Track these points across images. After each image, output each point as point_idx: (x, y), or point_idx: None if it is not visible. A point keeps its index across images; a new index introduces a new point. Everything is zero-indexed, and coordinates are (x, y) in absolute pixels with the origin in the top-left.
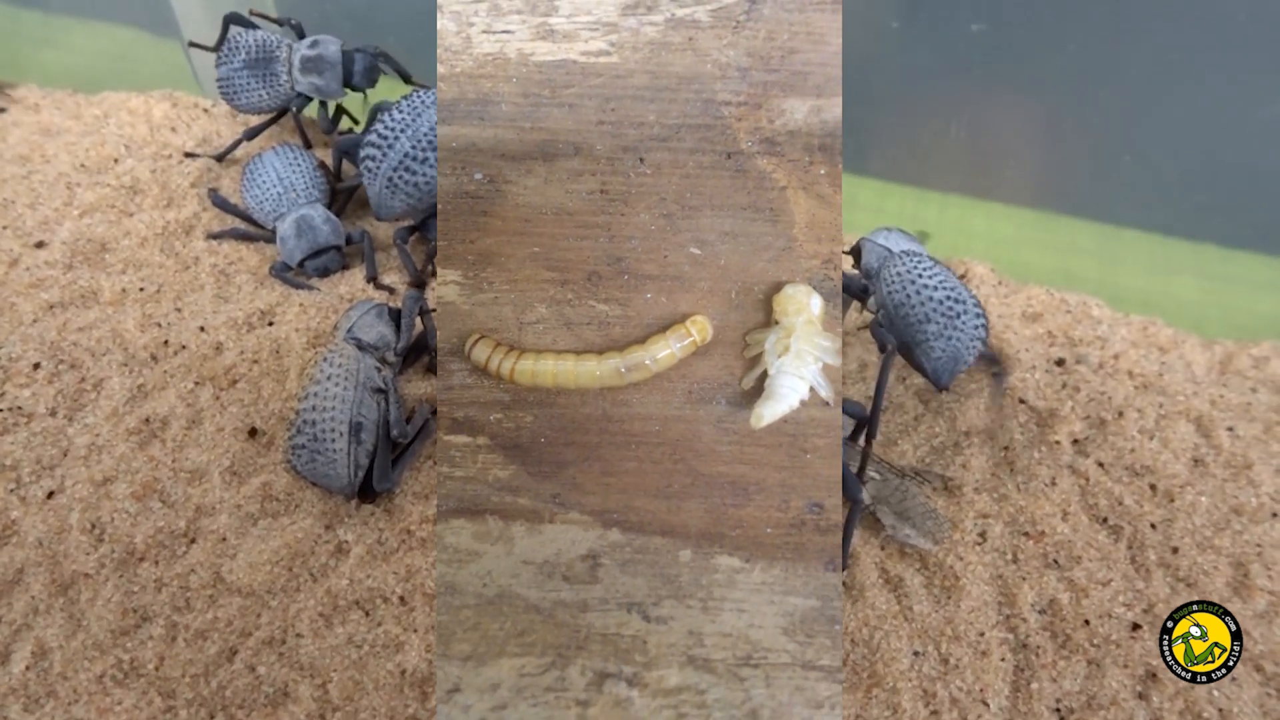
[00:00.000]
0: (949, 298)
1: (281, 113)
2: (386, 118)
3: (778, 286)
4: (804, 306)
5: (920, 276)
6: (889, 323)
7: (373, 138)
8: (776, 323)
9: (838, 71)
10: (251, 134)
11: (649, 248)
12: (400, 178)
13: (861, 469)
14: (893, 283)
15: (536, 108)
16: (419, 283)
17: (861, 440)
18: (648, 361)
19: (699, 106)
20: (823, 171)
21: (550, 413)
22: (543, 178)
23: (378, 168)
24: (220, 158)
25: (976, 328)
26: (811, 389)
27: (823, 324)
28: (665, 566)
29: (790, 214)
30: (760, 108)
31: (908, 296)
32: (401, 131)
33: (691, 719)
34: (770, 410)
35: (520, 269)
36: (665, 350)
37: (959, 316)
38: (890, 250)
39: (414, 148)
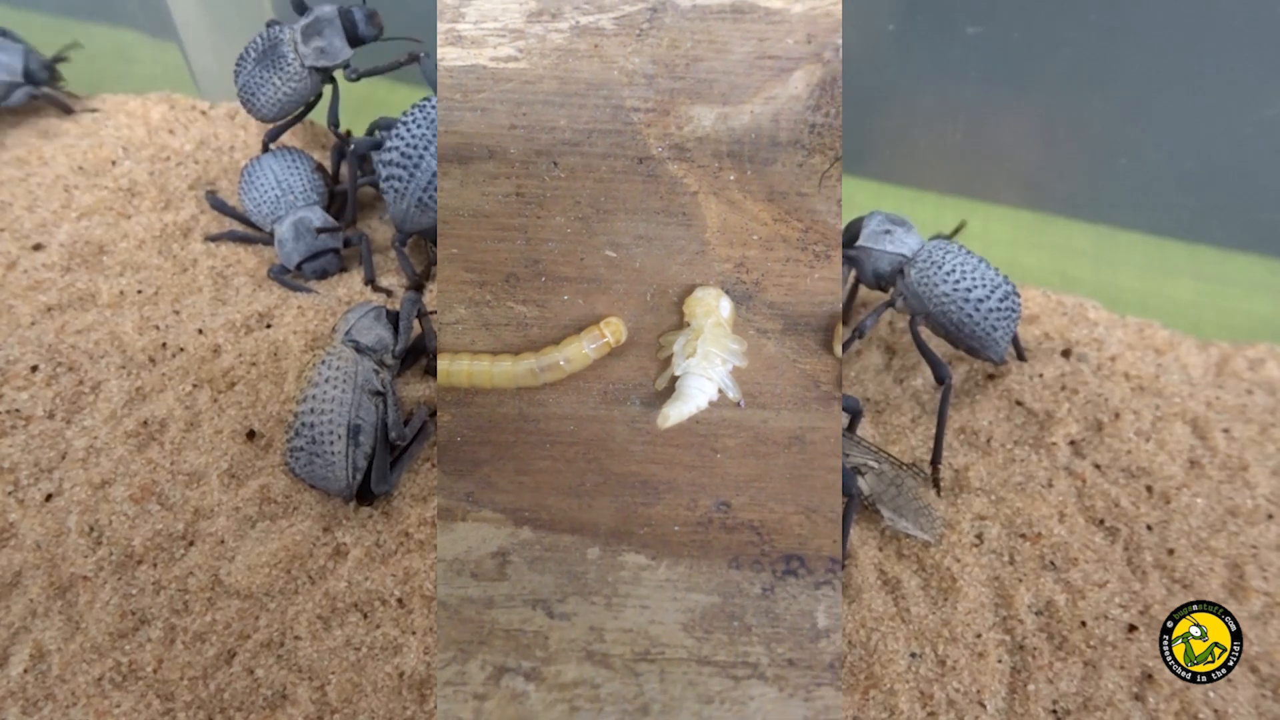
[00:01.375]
0: (993, 294)
1: (304, 111)
2: (406, 134)
3: (691, 289)
4: (713, 309)
5: (965, 289)
6: (933, 323)
7: (394, 156)
8: (687, 325)
9: (743, 80)
10: (274, 135)
11: (565, 250)
12: (431, 197)
13: (936, 469)
14: (941, 301)
15: (450, 111)
16: (417, 285)
17: (857, 432)
18: (561, 362)
19: (608, 112)
20: (732, 178)
21: (467, 412)
22: (459, 180)
23: (405, 188)
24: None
25: (1014, 298)
26: (721, 390)
27: (731, 326)
28: (573, 564)
29: (702, 219)
30: (668, 114)
31: (968, 316)
32: (425, 149)
33: (584, 713)
34: (676, 411)
35: (439, 270)
36: (578, 351)
37: (1008, 298)
38: (905, 256)
39: None
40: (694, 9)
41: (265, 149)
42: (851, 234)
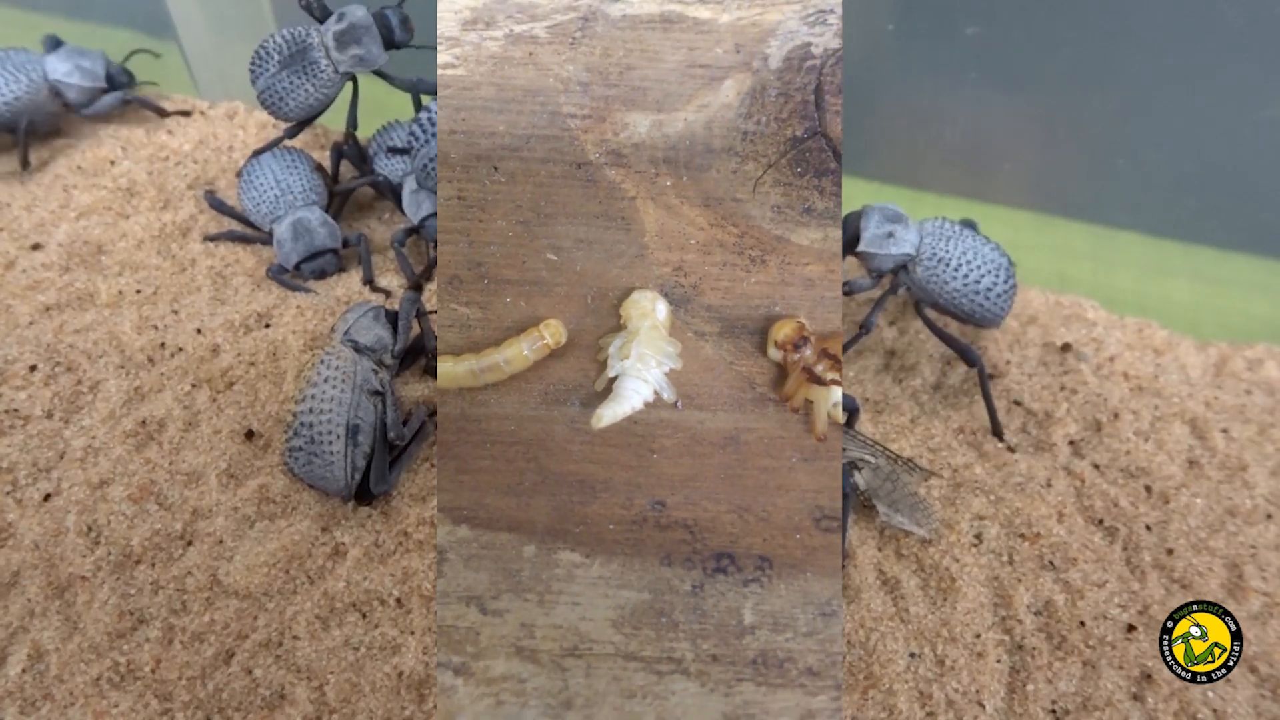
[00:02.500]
0: (999, 278)
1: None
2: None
3: (629, 292)
4: (648, 312)
5: (975, 280)
6: (941, 309)
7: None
8: (624, 327)
9: (676, 88)
10: (294, 133)
11: (507, 253)
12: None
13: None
14: (952, 295)
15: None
16: (416, 285)
17: (855, 428)
18: (501, 363)
19: (545, 118)
20: (668, 183)
21: None
22: None
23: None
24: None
25: (1013, 270)
26: (658, 391)
27: (668, 329)
28: (509, 561)
29: (641, 223)
30: (604, 120)
31: (980, 305)
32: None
33: (508, 707)
34: (611, 411)
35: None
36: (518, 352)
37: (1011, 275)
38: (910, 254)
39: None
40: (624, 18)
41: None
42: (851, 234)
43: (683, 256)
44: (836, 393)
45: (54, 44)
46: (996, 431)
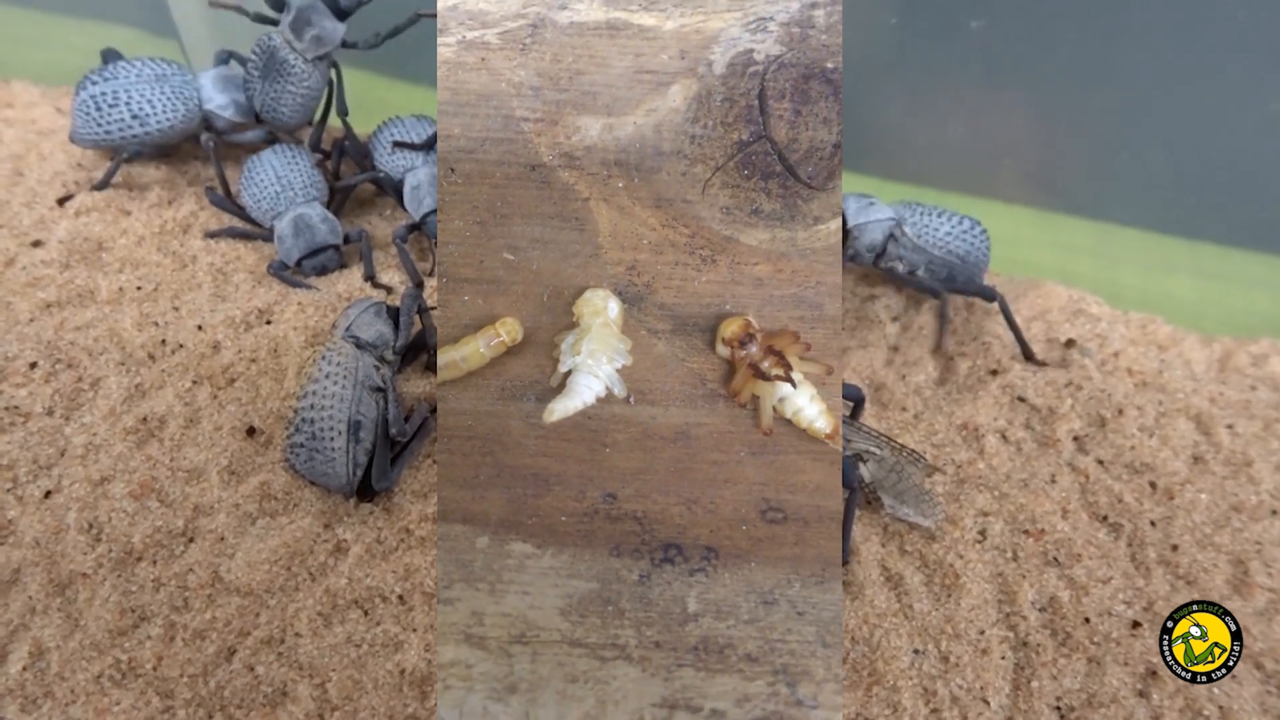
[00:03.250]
0: (975, 223)
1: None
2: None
3: (583, 291)
4: (600, 310)
5: (957, 220)
6: (935, 269)
7: None
8: (577, 325)
9: (624, 93)
10: (315, 142)
11: (464, 253)
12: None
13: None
14: (945, 240)
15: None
16: (418, 282)
17: (861, 418)
18: (458, 360)
19: (499, 122)
20: (620, 185)
21: None
22: None
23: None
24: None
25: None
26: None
27: (620, 326)
28: (462, 552)
29: (594, 223)
30: (556, 124)
31: (972, 244)
32: None
33: (454, 691)
34: (561, 406)
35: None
36: (474, 350)
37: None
38: (893, 218)
39: None
40: (572, 25)
41: (314, 150)
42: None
43: (636, 256)
44: (783, 388)
45: (223, 58)
46: (1028, 354)
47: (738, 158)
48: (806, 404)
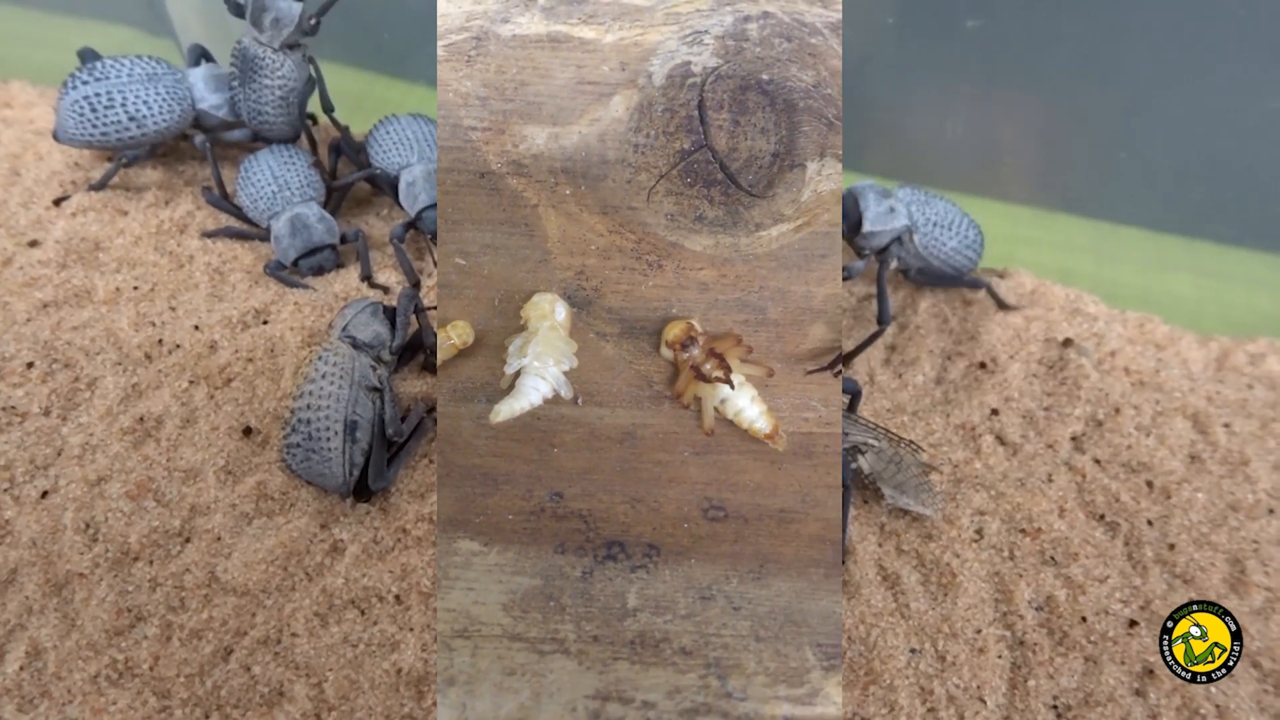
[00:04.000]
0: (978, 231)
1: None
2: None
3: (531, 295)
4: (548, 314)
5: (962, 233)
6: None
7: None
8: (525, 328)
9: (568, 103)
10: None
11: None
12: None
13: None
14: (950, 255)
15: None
16: (415, 281)
17: (858, 411)
18: None
19: (448, 130)
20: (568, 192)
21: None
22: None
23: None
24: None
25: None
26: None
27: (568, 330)
28: None
29: (544, 229)
30: (503, 133)
31: (969, 259)
32: None
33: None
34: (508, 407)
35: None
36: None
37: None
38: (906, 226)
39: None
40: (514, 38)
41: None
42: (852, 219)
43: (584, 261)
44: (725, 389)
45: (196, 59)
46: (1000, 304)
47: (680, 166)
48: (747, 405)
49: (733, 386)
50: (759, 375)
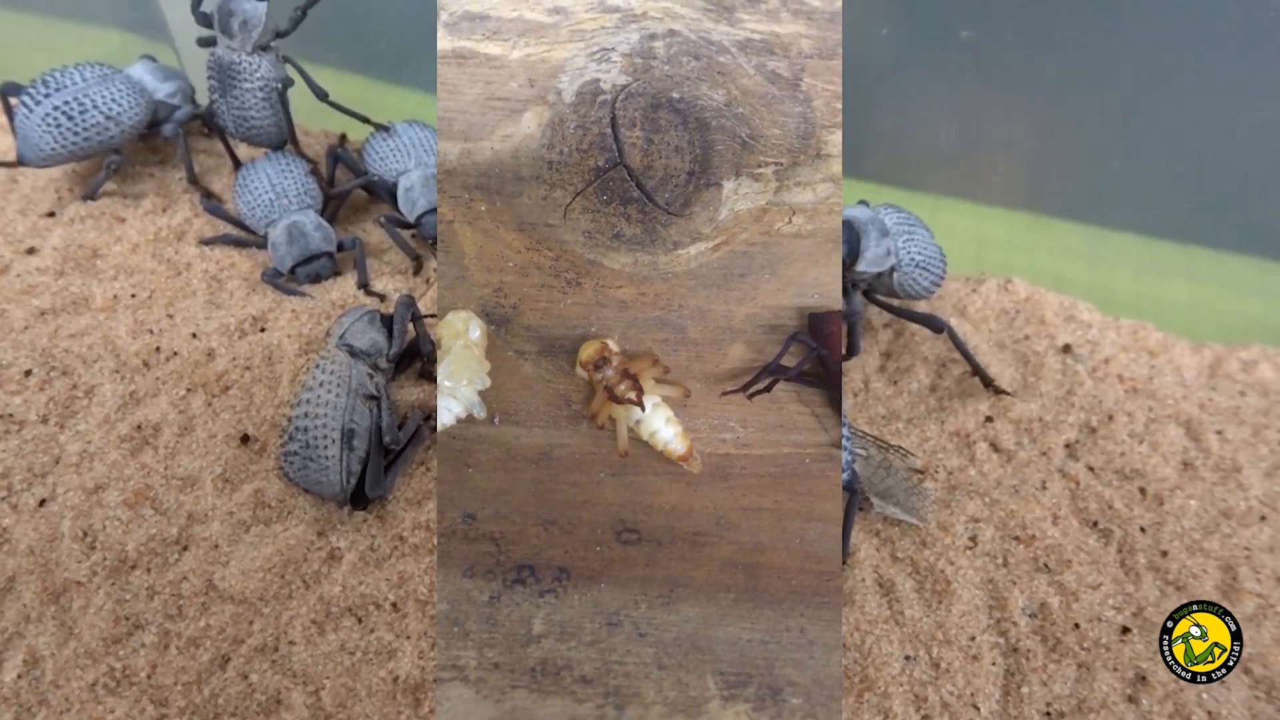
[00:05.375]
0: (945, 265)
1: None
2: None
3: (445, 314)
4: (461, 332)
5: (936, 272)
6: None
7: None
8: (438, 347)
9: (479, 119)
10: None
11: None
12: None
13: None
14: (921, 291)
15: None
16: (415, 257)
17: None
18: None
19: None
20: (483, 208)
21: None
22: None
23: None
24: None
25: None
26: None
27: (483, 349)
28: None
29: (460, 246)
30: None
31: (932, 290)
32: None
33: None
34: None
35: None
36: None
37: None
38: (893, 264)
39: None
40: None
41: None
42: (851, 250)
43: (502, 278)
44: (638, 410)
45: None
46: (986, 382)
47: (596, 184)
48: (662, 426)
49: (643, 409)
50: (676, 396)
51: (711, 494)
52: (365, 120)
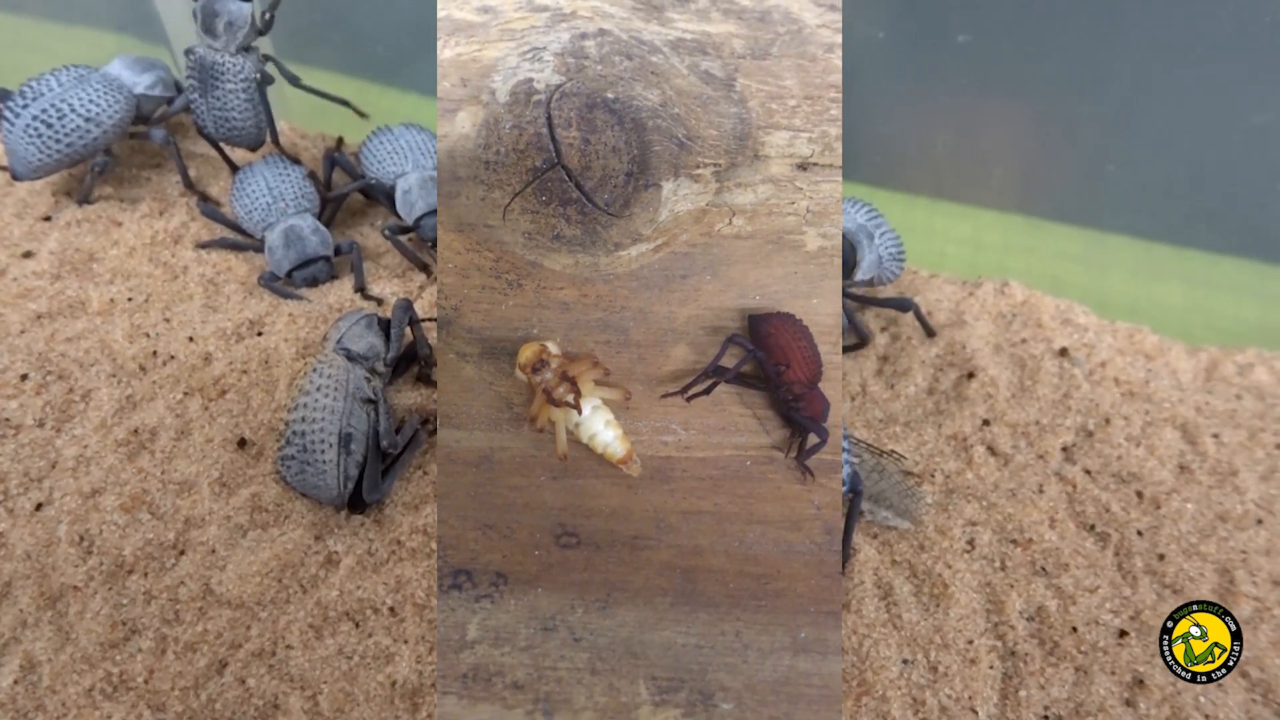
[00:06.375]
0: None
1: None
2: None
3: None
4: None
5: (899, 263)
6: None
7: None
8: None
9: None
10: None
11: None
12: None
13: None
14: (888, 280)
15: None
16: (423, 267)
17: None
18: None
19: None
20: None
21: None
22: None
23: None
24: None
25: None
26: None
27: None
28: None
29: None
30: None
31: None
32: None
33: None
34: None
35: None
36: None
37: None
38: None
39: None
40: None
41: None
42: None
43: (442, 279)
44: (575, 415)
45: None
46: (930, 332)
47: (534, 184)
48: (601, 429)
49: (580, 412)
50: (617, 398)
51: (652, 497)
52: (346, 104)
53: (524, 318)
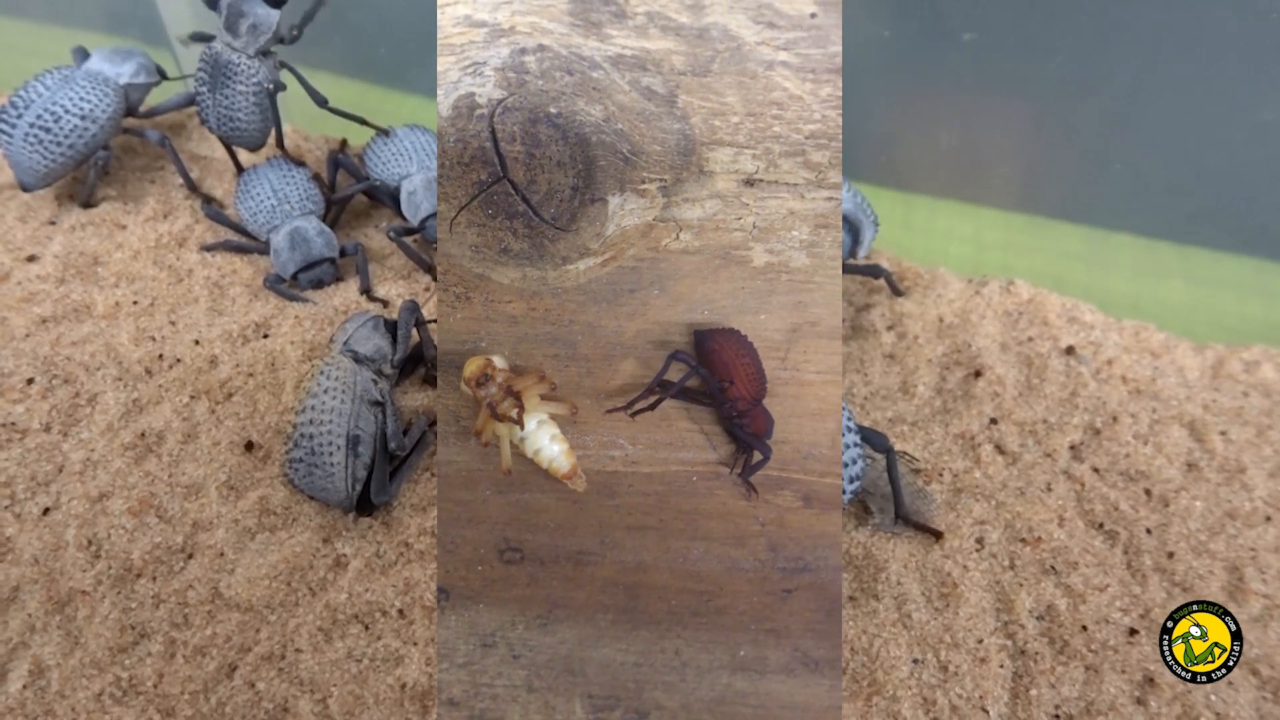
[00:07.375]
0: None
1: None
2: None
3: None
4: None
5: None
6: None
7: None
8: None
9: None
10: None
11: None
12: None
13: None
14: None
15: None
16: (428, 268)
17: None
18: None
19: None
20: None
21: None
22: None
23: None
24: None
25: None
26: None
27: None
28: None
29: None
30: None
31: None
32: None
33: None
34: None
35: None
36: None
37: None
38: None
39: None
40: None
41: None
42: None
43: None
44: (519, 429)
45: (84, 55)
46: (897, 292)
47: (480, 197)
48: (546, 444)
49: (523, 427)
50: (563, 413)
51: (598, 512)
52: (364, 123)
53: (471, 330)
